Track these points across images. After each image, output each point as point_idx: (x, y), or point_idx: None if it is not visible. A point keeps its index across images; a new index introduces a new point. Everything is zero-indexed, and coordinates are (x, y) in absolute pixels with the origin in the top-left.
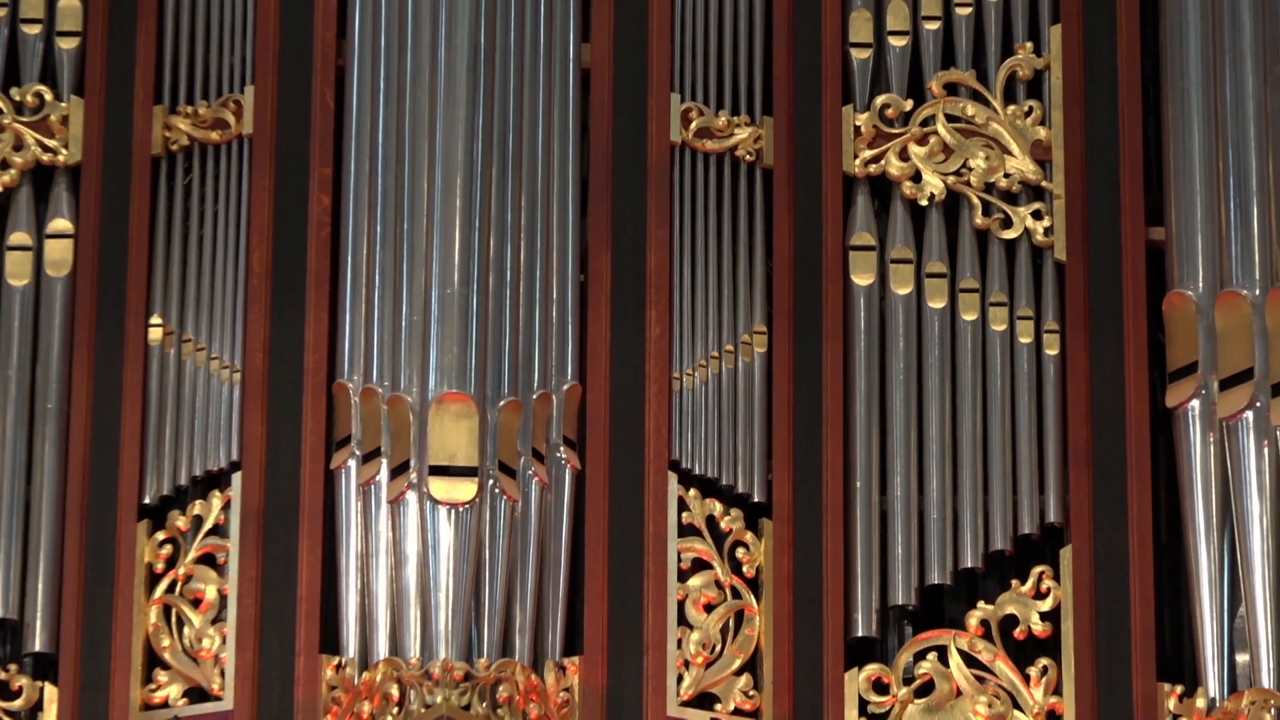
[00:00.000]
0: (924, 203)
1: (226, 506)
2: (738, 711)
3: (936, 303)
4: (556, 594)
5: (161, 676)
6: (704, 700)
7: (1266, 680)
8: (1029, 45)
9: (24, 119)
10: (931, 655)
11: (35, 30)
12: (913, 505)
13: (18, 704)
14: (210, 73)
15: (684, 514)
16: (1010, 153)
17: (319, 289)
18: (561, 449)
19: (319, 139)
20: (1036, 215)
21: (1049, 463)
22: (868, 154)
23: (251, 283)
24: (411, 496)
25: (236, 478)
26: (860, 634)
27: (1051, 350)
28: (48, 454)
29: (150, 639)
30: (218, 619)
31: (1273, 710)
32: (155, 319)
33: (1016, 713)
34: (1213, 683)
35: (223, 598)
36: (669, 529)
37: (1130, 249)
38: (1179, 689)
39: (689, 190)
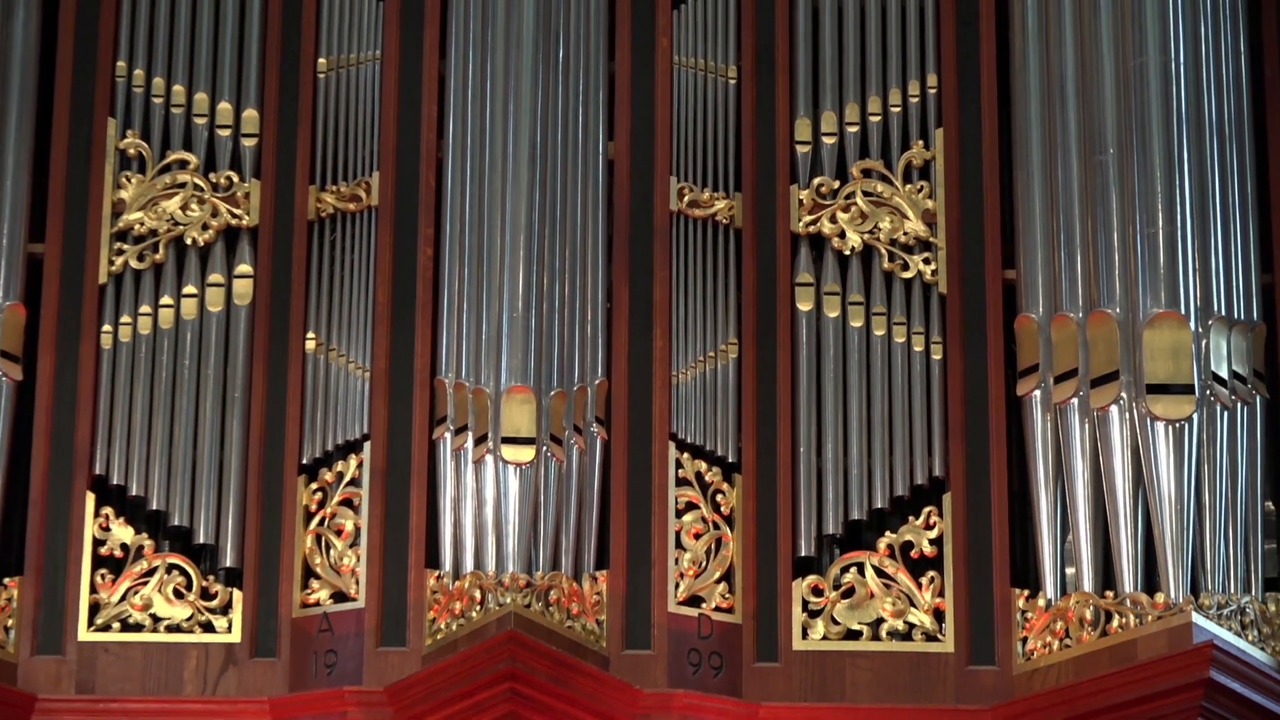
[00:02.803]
0: (847, 252)
1: (360, 465)
2: (718, 608)
3: (856, 323)
4: (591, 526)
5: (315, 584)
6: (693, 601)
7: (1087, 586)
8: (921, 143)
9: (219, 195)
10: (853, 569)
11: (226, 133)
12: (839, 464)
13: (214, 603)
14: (348, 162)
15: (679, 470)
16: (908, 218)
17: (424, 313)
18: (594, 425)
19: (424, 209)
20: (926, 261)
21: (935, 434)
22: (808, 218)
23: (378, 309)
24: (489, 458)
25: (367, 445)
26: (803, 554)
27: (936, 356)
28: (235, 429)
29: (307, 558)
30: (354, 544)
31: (1090, 607)
32: (310, 334)
33: (912, 609)
34: (1050, 588)
35: (357, 529)
36: (669, 481)
37: (991, 285)
38: (1026, 592)
39: (682, 244)
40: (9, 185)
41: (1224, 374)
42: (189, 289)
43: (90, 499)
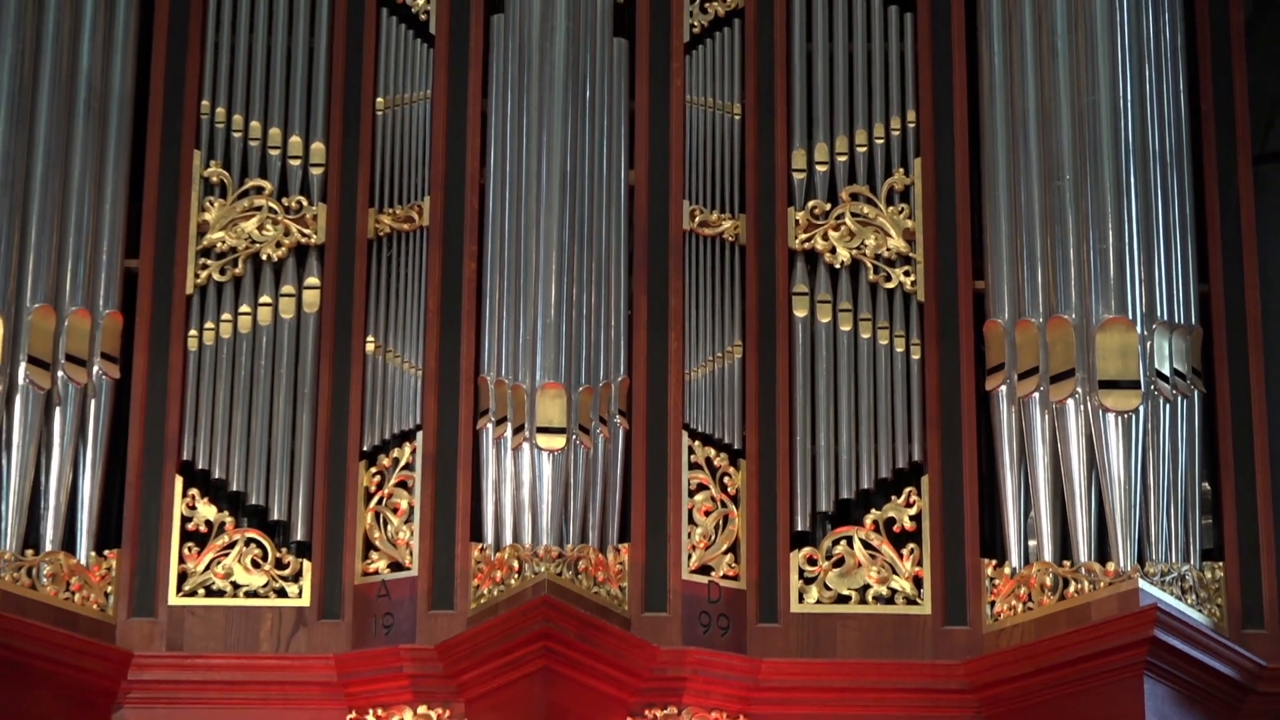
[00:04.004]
0: (838, 266)
1: (414, 452)
2: (725, 576)
3: (845, 327)
4: (614, 505)
5: (374, 556)
6: (704, 570)
7: (1047, 556)
8: (901, 170)
9: (290, 217)
10: (843, 542)
11: (297, 163)
12: (831, 449)
13: (287, 571)
14: (403, 188)
15: (691, 456)
16: (890, 235)
17: (469, 319)
18: (617, 417)
19: (469, 228)
20: (906, 273)
21: (914, 424)
22: (803, 236)
23: (428, 315)
24: (526, 446)
25: (419, 435)
26: (799, 529)
27: (915, 356)
28: (305, 420)
29: (367, 533)
30: (408, 521)
31: (1050, 574)
32: (370, 338)
33: (895, 576)
34: (1015, 558)
35: (411, 508)
36: (682, 465)
37: (963, 293)
38: (994, 562)
39: (694, 259)
40: (108, 208)
41: (1166, 371)
42: (264, 299)
43: (179, 482)
